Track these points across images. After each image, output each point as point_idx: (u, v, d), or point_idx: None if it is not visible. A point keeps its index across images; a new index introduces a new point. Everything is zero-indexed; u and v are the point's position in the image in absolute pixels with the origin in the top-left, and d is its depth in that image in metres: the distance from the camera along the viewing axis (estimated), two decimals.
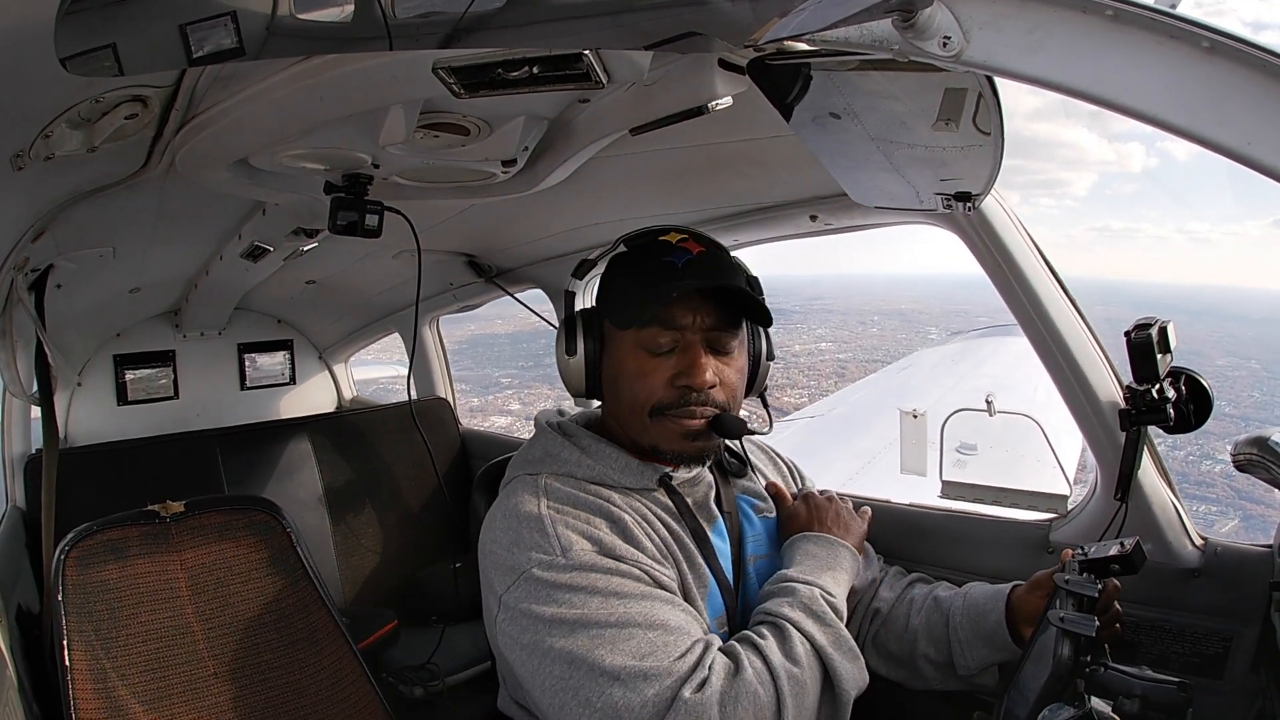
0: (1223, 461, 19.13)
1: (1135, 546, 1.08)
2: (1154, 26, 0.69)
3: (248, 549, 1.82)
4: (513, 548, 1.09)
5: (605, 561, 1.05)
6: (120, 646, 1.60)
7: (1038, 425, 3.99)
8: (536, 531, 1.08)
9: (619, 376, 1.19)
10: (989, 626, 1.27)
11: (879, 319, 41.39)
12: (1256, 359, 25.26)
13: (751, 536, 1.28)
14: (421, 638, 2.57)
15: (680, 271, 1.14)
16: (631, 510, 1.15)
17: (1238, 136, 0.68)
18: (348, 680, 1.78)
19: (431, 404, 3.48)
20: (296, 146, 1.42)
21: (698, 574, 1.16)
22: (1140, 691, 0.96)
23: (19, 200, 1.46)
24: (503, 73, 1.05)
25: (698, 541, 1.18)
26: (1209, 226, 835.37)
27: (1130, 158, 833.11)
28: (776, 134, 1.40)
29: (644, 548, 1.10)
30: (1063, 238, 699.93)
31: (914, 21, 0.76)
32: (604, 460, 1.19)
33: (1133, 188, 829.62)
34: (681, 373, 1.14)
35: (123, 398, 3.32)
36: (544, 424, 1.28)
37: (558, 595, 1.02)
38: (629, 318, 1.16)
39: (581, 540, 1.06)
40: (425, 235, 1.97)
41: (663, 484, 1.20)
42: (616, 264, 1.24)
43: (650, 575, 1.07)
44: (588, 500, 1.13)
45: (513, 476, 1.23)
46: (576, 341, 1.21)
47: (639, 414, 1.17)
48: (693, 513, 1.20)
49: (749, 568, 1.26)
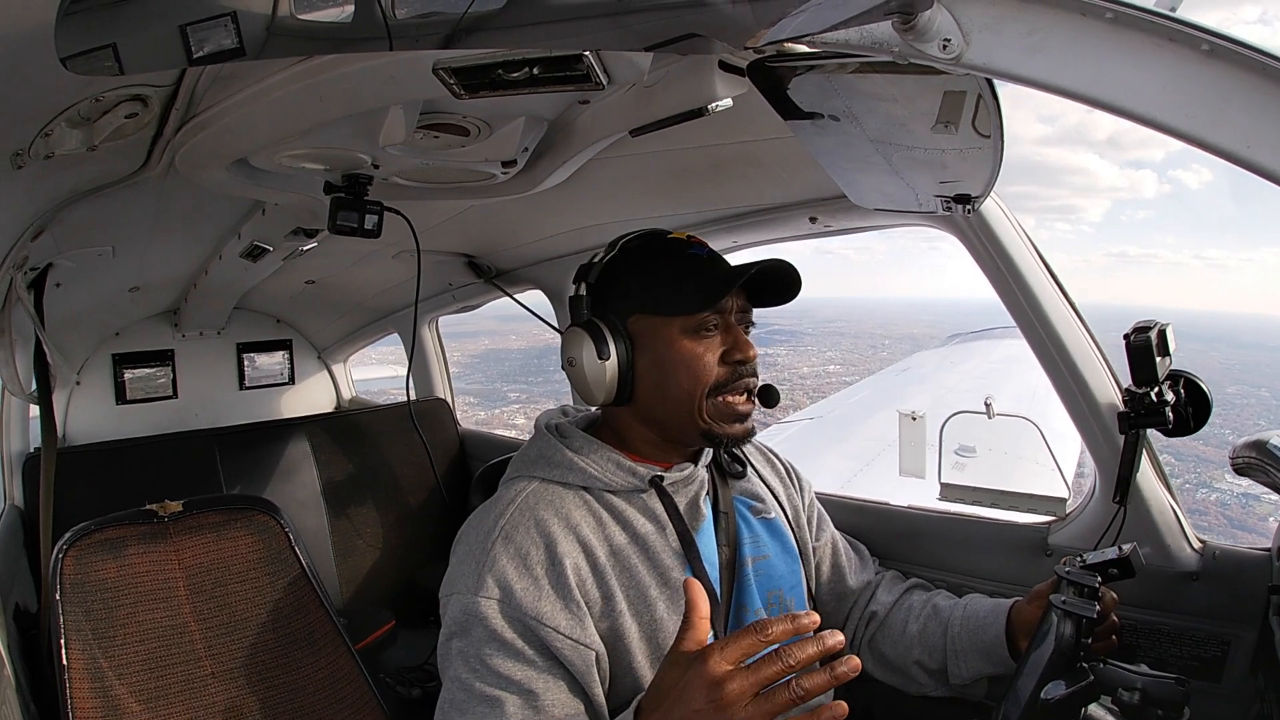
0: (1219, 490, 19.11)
1: (1132, 551, 1.08)
2: (1153, 29, 0.70)
3: (246, 549, 1.82)
4: (457, 565, 1.14)
5: (502, 625, 1.06)
6: (118, 646, 1.60)
7: (1036, 428, 3.99)
8: (472, 559, 1.12)
9: (667, 366, 1.17)
10: (988, 640, 1.27)
11: (890, 343, 41.64)
12: (1267, 387, 25.41)
13: (749, 538, 1.28)
14: (419, 638, 2.57)
15: (715, 260, 1.21)
16: (600, 532, 1.14)
17: (1237, 139, 0.68)
18: (345, 680, 1.78)
19: (430, 404, 3.47)
20: (296, 146, 1.42)
21: (669, 584, 1.14)
22: (1140, 685, 0.97)
23: (18, 199, 1.46)
24: (503, 73, 1.05)
25: (684, 546, 1.17)
26: (1226, 253, 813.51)
27: (1142, 184, 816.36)
28: (776, 136, 1.40)
29: (572, 602, 1.08)
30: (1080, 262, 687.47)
31: (914, 24, 0.76)
32: (596, 462, 1.18)
33: (1146, 214, 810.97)
34: (731, 348, 1.18)
35: (121, 397, 3.32)
36: (542, 426, 1.28)
37: (455, 635, 1.10)
38: (679, 304, 1.16)
39: (494, 588, 1.07)
40: (425, 236, 1.97)
41: (653, 485, 1.19)
42: (636, 261, 1.21)
43: (548, 645, 1.06)
44: (549, 528, 1.12)
45: (509, 476, 1.25)
46: (608, 344, 1.17)
47: (695, 399, 1.16)
48: (681, 516, 1.19)
49: (748, 569, 1.25)
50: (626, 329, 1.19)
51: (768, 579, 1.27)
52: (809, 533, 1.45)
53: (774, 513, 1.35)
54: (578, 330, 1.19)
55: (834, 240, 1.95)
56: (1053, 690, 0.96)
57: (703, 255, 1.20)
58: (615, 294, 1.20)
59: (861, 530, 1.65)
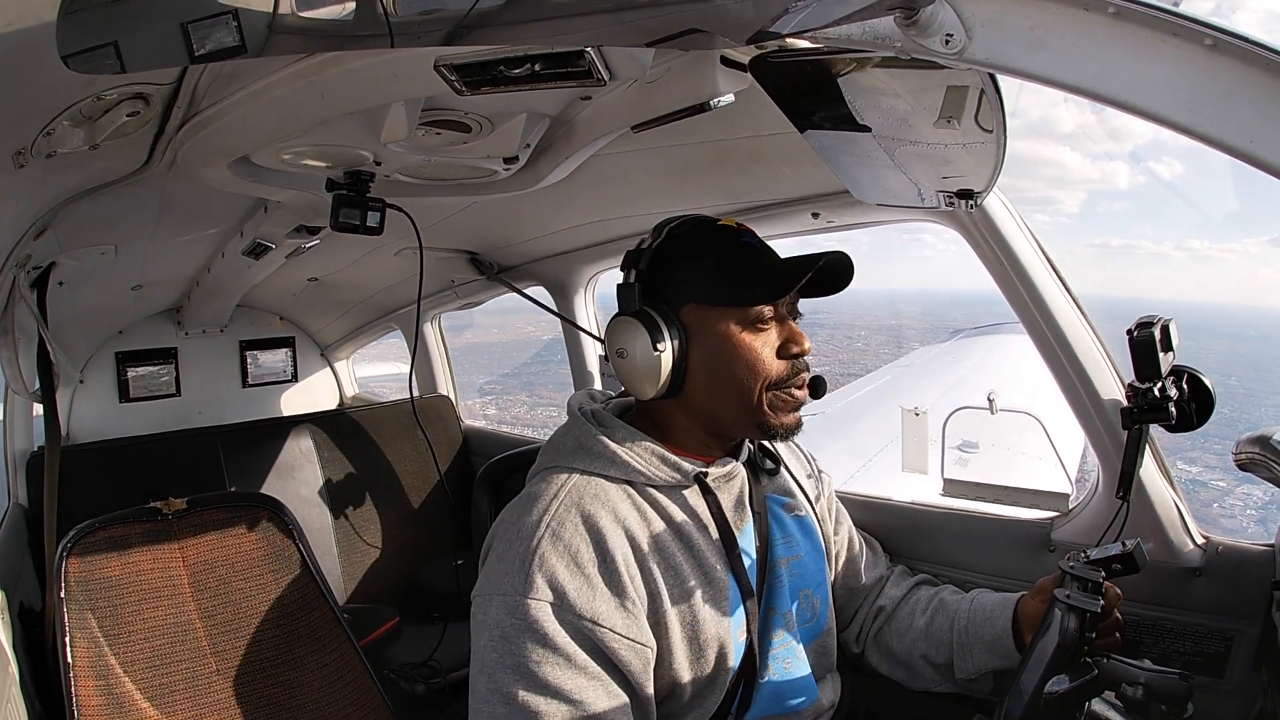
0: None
1: (1136, 547, 1.08)
2: (1157, 24, 0.69)
3: (250, 546, 1.83)
4: (497, 563, 1.07)
5: (555, 629, 1.00)
6: (122, 643, 1.61)
7: (1039, 423, 3.99)
8: (516, 558, 1.05)
9: (725, 359, 1.13)
10: (994, 633, 1.27)
11: (866, 333, 41.40)
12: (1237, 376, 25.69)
13: (781, 538, 1.25)
14: (423, 635, 2.57)
15: (767, 250, 1.18)
16: (647, 528, 1.10)
17: (1240, 134, 0.68)
18: (349, 677, 1.79)
19: (433, 401, 3.48)
20: (298, 144, 1.42)
21: (715, 588, 1.12)
22: (1143, 680, 0.97)
23: (21, 197, 1.46)
24: (505, 70, 1.04)
25: (726, 545, 1.14)
26: (1208, 243, 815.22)
27: (1115, 175, 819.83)
28: (778, 131, 1.40)
29: (628, 598, 1.04)
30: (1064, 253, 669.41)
31: (916, 19, 0.76)
32: (639, 455, 1.13)
33: (1123, 205, 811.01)
34: (788, 341, 1.15)
35: (125, 395, 3.32)
36: (577, 411, 1.21)
37: (497, 640, 1.02)
38: (741, 296, 1.12)
39: (546, 590, 1.01)
40: (427, 233, 1.97)
41: (697, 481, 1.15)
42: (687, 249, 1.16)
43: (604, 648, 1.02)
44: (597, 522, 1.07)
45: (542, 467, 1.18)
46: (663, 334, 1.11)
47: (754, 392, 1.13)
48: (724, 514, 1.15)
49: (779, 570, 1.23)
50: (680, 319, 1.14)
51: (800, 579, 1.25)
52: (830, 526, 1.44)
53: (804, 510, 1.33)
54: (629, 320, 1.13)
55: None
56: (1056, 685, 0.96)
57: (755, 245, 1.17)
58: (666, 282, 1.15)
59: (865, 526, 1.65)
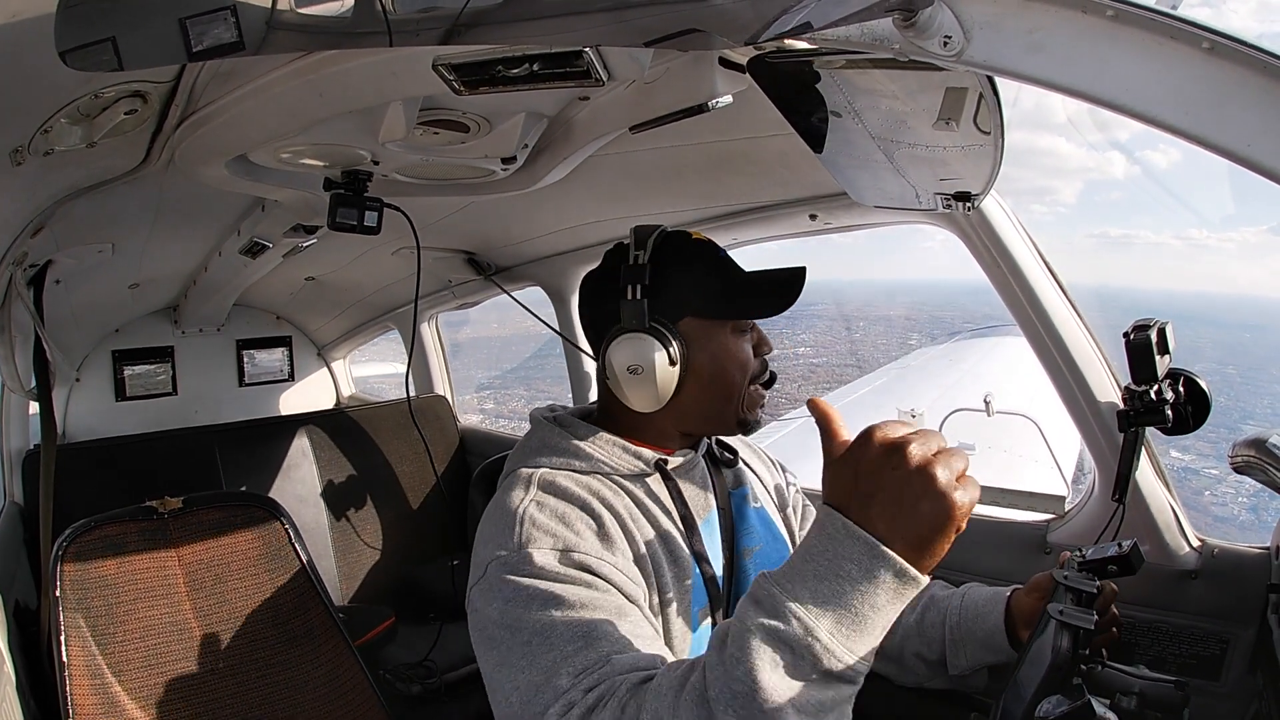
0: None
1: (1133, 548, 1.08)
2: (1154, 27, 0.70)
3: (246, 545, 1.82)
4: (485, 543, 1.08)
5: (561, 568, 1.00)
6: (117, 642, 1.60)
7: (1036, 426, 3.99)
8: (505, 527, 1.06)
9: (721, 365, 1.19)
10: (987, 629, 1.27)
11: (864, 325, 41.49)
12: (1234, 365, 25.66)
13: (744, 530, 1.28)
14: (419, 635, 2.57)
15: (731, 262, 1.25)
16: (620, 504, 1.14)
17: (1238, 138, 0.68)
18: (345, 677, 1.78)
19: (430, 401, 3.48)
20: (296, 143, 1.42)
21: (679, 567, 1.15)
22: (1138, 689, 0.96)
23: (18, 195, 1.46)
24: (503, 70, 1.04)
25: (687, 529, 1.18)
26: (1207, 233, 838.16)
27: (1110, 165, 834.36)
28: (777, 133, 1.40)
29: (618, 550, 1.07)
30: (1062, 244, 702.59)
31: (915, 20, 0.76)
32: (601, 447, 1.18)
33: (1119, 194, 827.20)
34: (760, 343, 1.24)
35: (121, 394, 3.32)
36: (539, 418, 1.27)
37: (506, 594, 1.00)
38: (741, 309, 1.20)
39: (545, 538, 1.03)
40: (424, 232, 1.97)
41: (658, 468, 1.19)
42: (679, 265, 1.19)
43: (613, 582, 1.02)
44: (575, 493, 1.11)
45: (510, 470, 1.22)
46: (674, 348, 1.16)
47: (740, 392, 1.20)
48: (685, 501, 1.20)
49: (745, 561, 1.25)
50: (679, 331, 1.18)
51: (761, 569, 1.27)
52: (796, 522, 1.45)
53: (761, 500, 1.35)
54: (642, 337, 1.16)
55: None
56: (1047, 709, 0.94)
57: (729, 258, 1.24)
58: (663, 297, 1.18)
59: None
